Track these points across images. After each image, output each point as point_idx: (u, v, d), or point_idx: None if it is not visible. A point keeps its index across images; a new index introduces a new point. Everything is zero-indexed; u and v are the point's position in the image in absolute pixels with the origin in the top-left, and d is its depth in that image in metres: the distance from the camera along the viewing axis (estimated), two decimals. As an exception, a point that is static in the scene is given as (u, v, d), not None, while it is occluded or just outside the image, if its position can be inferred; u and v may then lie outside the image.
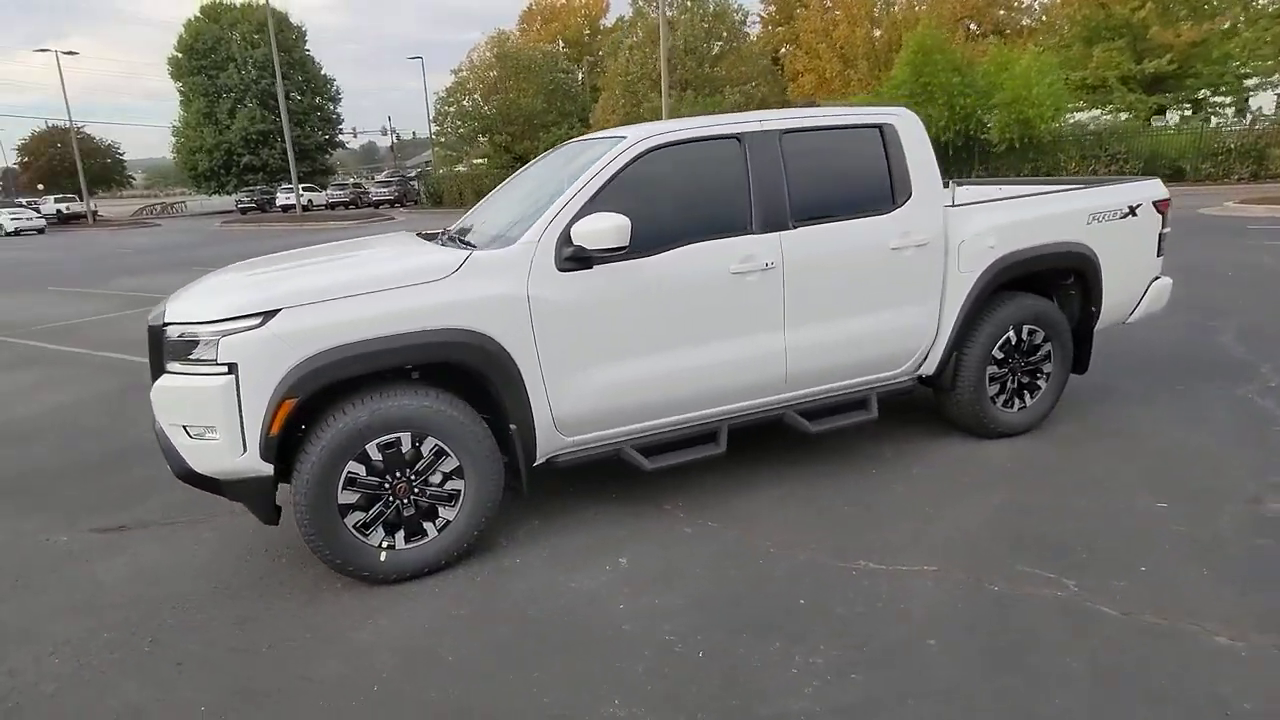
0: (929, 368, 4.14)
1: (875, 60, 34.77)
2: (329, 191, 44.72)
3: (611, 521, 3.62)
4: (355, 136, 60.68)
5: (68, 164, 48.90)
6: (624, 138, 3.52)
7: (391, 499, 3.11)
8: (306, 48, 52.67)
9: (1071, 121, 28.76)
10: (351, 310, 2.95)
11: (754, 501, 3.74)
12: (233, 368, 2.85)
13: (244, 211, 43.75)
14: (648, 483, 3.93)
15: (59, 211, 43.47)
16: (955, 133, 26.15)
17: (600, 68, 44.25)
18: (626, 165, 3.41)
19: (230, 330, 2.86)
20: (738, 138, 3.61)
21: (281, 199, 42.73)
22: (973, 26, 40.90)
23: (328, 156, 56.86)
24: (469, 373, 3.16)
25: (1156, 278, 4.67)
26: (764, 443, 4.32)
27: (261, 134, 49.59)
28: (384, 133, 61.06)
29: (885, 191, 3.88)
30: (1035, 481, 3.81)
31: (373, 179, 56.34)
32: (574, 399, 3.33)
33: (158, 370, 3.05)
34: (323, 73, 54.15)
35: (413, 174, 50.89)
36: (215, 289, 3.17)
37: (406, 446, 3.08)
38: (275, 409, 2.85)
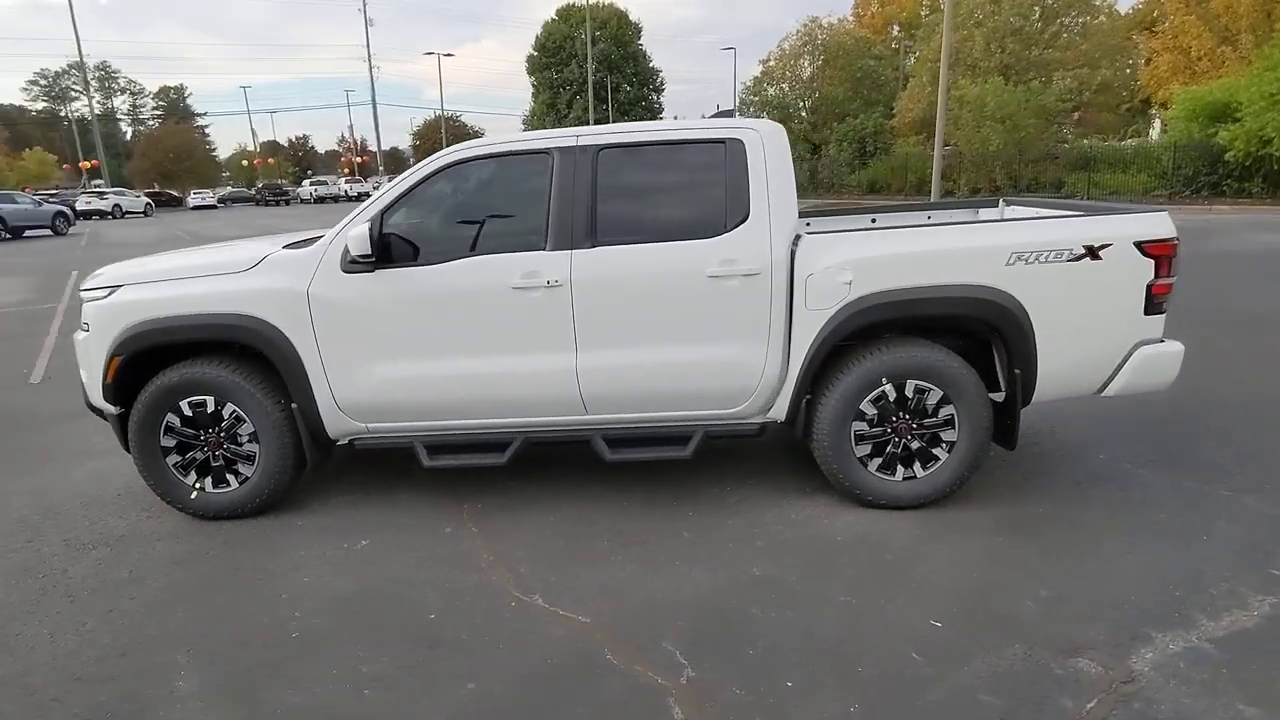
0: (779, 412, 3.70)
1: (1266, 32, 27.80)
2: (637, 176, 48.21)
3: (408, 509, 3.89)
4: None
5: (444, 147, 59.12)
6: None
7: (205, 449, 3.77)
8: (640, 42, 57.01)
9: None
10: (165, 291, 3.64)
11: (534, 520, 3.74)
12: (88, 328, 3.70)
13: (566, 191, 49.03)
14: (478, 481, 4.12)
15: (433, 186, 53.07)
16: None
17: (916, 52, 41.50)
18: (426, 178, 3.62)
19: (92, 299, 3.72)
20: (548, 153, 3.59)
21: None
22: None
23: (647, 143, 61.05)
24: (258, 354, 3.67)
25: (1148, 342, 3.55)
26: (618, 466, 4.20)
27: (593, 124, 54.98)
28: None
29: (717, 214, 3.55)
30: (832, 564, 3.26)
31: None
32: (355, 389, 3.67)
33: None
34: (651, 65, 58.23)
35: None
36: (114, 266, 4.06)
37: (212, 408, 3.70)
38: (108, 363, 3.65)
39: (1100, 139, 32.81)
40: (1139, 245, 3.43)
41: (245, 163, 67.87)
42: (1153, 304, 3.49)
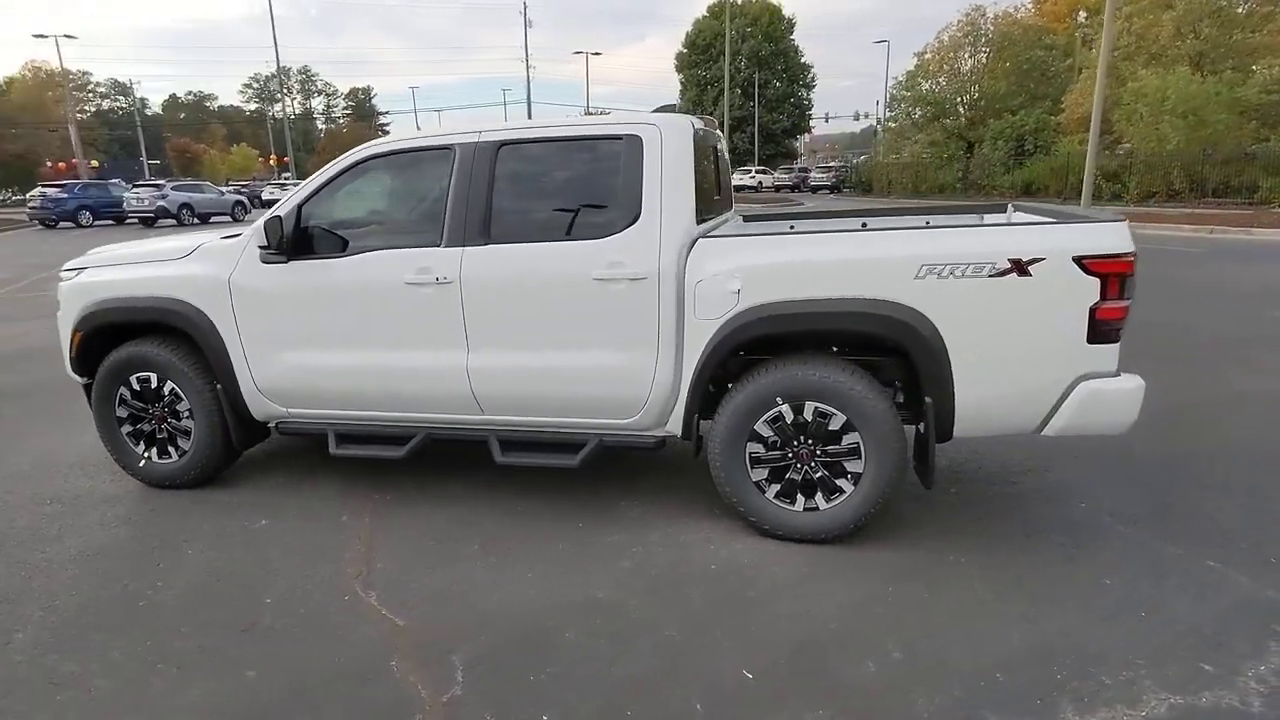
0: (675, 426, 3.47)
1: None
2: (776, 175, 47.18)
3: (324, 495, 4.01)
4: (827, 121, 62.45)
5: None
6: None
7: (150, 422, 4.07)
8: (792, 38, 55.80)
9: None
10: (113, 275, 3.97)
11: (427, 515, 3.74)
12: (59, 306, 4.10)
13: (706, 189, 48.77)
14: (402, 473, 4.17)
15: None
16: None
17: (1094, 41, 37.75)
18: (340, 173, 3.70)
19: (64, 280, 4.11)
20: (451, 149, 3.56)
21: (735, 180, 46.66)
22: None
23: (793, 142, 59.83)
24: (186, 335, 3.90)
25: (1095, 376, 3.01)
26: (543, 470, 4.10)
27: (735, 120, 54.42)
28: (855, 118, 61.45)
29: (609, 214, 3.37)
30: (684, 595, 3.01)
31: (825, 164, 57.38)
32: (270, 374, 3.82)
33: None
34: (802, 61, 56.89)
35: (858, 160, 50.73)
36: (95, 250, 4.44)
37: (155, 384, 3.99)
38: (71, 337, 4.03)
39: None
40: (1079, 260, 2.91)
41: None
42: (1099, 331, 2.95)
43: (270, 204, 40.46)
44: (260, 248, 3.61)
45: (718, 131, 4.50)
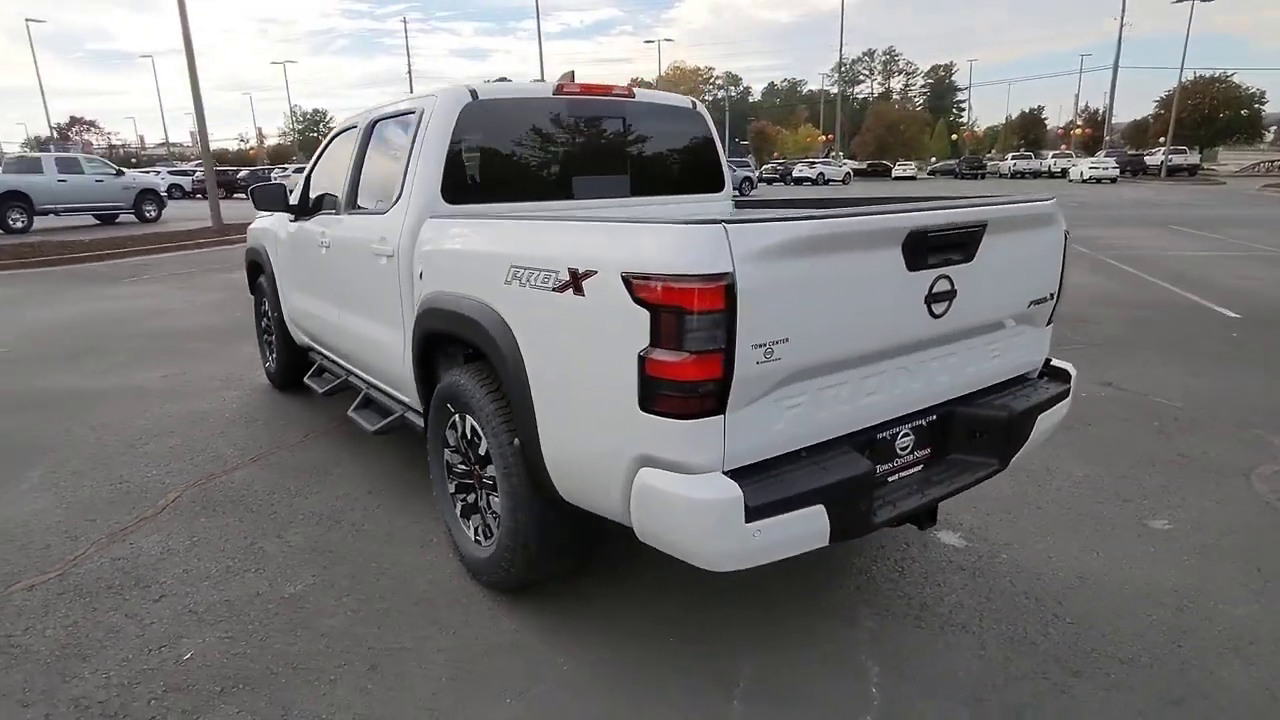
0: (438, 413, 3.30)
1: None
2: None
3: (320, 419, 4.82)
4: None
5: (1200, 116, 48.51)
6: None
7: (268, 335, 5.47)
8: None
9: None
10: (256, 225, 5.37)
11: (322, 452, 4.27)
12: (251, 242, 5.75)
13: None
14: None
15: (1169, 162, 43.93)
16: None
17: None
18: (325, 147, 4.37)
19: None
20: (357, 126, 3.90)
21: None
22: None
23: None
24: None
25: (657, 462, 1.88)
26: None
27: None
28: None
29: (394, 189, 3.31)
30: (308, 609, 2.95)
31: None
32: (288, 308, 4.79)
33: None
34: None
35: None
36: None
37: (265, 307, 5.32)
38: (246, 267, 5.62)
39: None
40: (627, 280, 1.86)
41: (954, 136, 69.31)
42: (652, 393, 1.83)
43: (799, 181, 43.36)
44: (257, 209, 4.55)
45: (673, 100, 3.82)
